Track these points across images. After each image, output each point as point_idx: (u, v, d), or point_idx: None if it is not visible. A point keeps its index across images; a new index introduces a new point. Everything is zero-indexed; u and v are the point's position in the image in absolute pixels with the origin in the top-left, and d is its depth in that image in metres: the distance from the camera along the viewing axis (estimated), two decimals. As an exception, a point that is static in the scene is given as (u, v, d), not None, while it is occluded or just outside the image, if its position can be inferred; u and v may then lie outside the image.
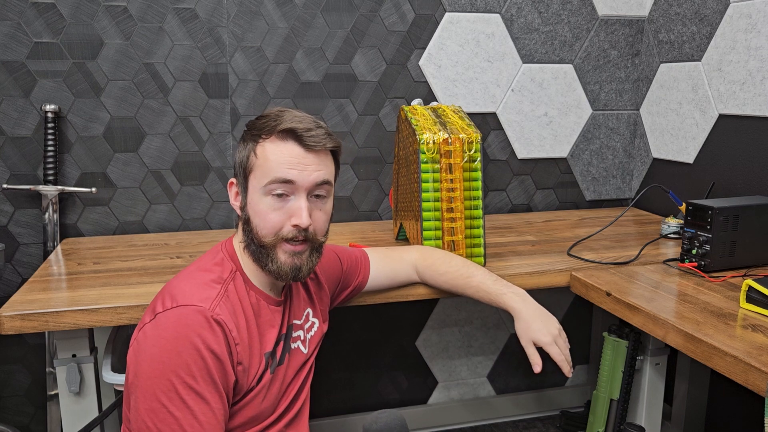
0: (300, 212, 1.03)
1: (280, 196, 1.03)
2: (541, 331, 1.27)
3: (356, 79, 2.08)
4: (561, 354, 1.26)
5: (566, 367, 1.26)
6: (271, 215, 1.04)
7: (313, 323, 1.24)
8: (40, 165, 1.88)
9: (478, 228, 1.55)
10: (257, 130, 1.06)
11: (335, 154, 1.11)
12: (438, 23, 2.11)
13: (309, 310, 1.23)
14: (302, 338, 1.19)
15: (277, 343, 1.11)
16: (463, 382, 2.38)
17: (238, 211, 1.10)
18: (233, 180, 1.11)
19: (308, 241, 1.06)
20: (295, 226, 1.04)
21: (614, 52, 2.29)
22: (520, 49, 2.20)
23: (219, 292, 1.02)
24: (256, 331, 1.07)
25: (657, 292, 1.41)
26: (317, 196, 1.07)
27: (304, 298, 1.22)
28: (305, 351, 1.19)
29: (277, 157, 1.03)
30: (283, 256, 1.05)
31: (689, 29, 2.07)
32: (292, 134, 1.04)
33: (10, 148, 1.86)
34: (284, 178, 1.02)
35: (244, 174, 1.07)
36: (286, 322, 1.15)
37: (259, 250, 1.05)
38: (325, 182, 1.06)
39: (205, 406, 0.96)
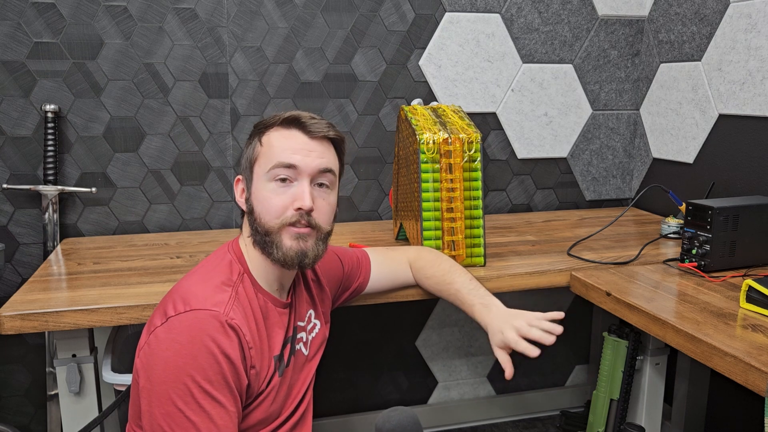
0: (302, 195, 1.04)
1: (283, 180, 1.04)
2: (503, 332, 1.20)
3: (356, 79, 2.08)
4: (535, 334, 1.17)
5: (548, 338, 1.16)
6: (274, 200, 1.04)
7: (315, 324, 1.24)
8: (40, 165, 1.88)
9: (478, 228, 1.55)
10: (263, 126, 1.10)
11: (338, 148, 1.12)
12: (438, 23, 2.11)
13: (311, 311, 1.23)
14: (304, 340, 1.19)
15: (284, 346, 1.11)
16: (463, 382, 2.38)
17: (243, 206, 1.11)
18: (240, 177, 1.12)
19: (312, 227, 1.06)
20: (298, 209, 1.04)
21: (614, 52, 2.29)
22: (520, 49, 2.20)
23: (231, 296, 1.02)
24: (265, 334, 1.07)
25: (657, 292, 1.41)
26: (320, 184, 1.08)
27: (306, 300, 1.22)
28: (306, 353, 1.19)
29: (281, 143, 1.06)
30: (288, 241, 1.05)
31: (689, 29, 2.07)
32: (296, 122, 1.07)
33: (10, 148, 1.86)
34: (288, 162, 1.04)
35: (250, 166, 1.09)
36: (292, 324, 1.15)
37: (264, 239, 1.05)
38: (328, 170, 1.07)
39: (222, 409, 0.96)
